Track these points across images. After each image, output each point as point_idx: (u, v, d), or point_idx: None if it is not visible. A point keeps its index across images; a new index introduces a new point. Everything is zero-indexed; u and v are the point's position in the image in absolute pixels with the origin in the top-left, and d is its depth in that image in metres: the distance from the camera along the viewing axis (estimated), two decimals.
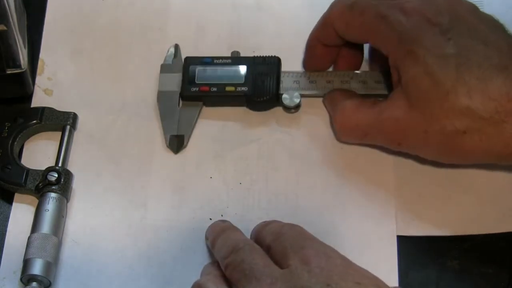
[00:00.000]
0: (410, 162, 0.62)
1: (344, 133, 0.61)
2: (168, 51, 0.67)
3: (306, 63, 0.65)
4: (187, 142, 0.64)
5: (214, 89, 0.64)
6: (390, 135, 0.57)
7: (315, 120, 0.64)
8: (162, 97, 0.65)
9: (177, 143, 0.63)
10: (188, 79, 0.65)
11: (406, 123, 0.55)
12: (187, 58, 0.66)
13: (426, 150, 0.57)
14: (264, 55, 0.65)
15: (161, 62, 0.67)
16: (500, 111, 0.52)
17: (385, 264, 0.58)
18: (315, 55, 0.63)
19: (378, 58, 0.62)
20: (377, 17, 0.56)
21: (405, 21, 0.55)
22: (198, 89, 0.64)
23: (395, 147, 0.58)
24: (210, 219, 0.60)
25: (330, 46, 0.62)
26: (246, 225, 0.57)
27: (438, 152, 0.56)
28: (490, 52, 0.53)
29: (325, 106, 0.64)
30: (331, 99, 0.63)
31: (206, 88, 0.64)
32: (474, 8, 0.57)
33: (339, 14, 0.59)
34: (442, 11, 0.55)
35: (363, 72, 0.64)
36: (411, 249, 0.59)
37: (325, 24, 0.61)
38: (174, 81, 0.65)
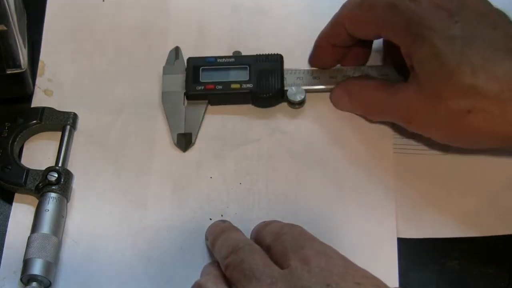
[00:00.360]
0: (411, 164, 0.62)
1: (366, 109, 0.63)
2: (169, 53, 0.67)
3: (313, 61, 0.65)
4: (195, 140, 0.64)
5: (220, 87, 0.64)
6: (402, 113, 0.58)
7: (318, 116, 0.65)
8: (166, 97, 0.65)
9: (185, 141, 0.64)
10: (192, 79, 0.65)
11: (416, 102, 0.56)
12: (190, 59, 0.66)
13: (433, 130, 0.57)
14: (267, 53, 0.66)
15: (161, 62, 0.67)
16: (504, 90, 0.53)
17: (385, 264, 0.58)
18: (323, 54, 0.64)
19: (393, 52, 0.61)
20: (387, 8, 0.57)
21: (414, 6, 0.56)
22: (203, 88, 0.64)
23: (407, 126, 0.59)
24: (210, 219, 0.60)
25: (339, 47, 0.63)
26: (246, 225, 0.57)
27: (445, 132, 0.57)
28: (498, 36, 0.54)
29: (335, 97, 0.64)
30: (347, 84, 0.64)
31: (212, 86, 0.64)
32: None
33: (350, 12, 0.60)
34: None
35: (366, 67, 0.65)
36: (411, 250, 0.59)
37: (336, 25, 0.61)
38: (177, 82, 0.66)
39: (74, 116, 0.65)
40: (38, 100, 0.66)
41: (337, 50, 0.64)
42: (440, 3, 0.56)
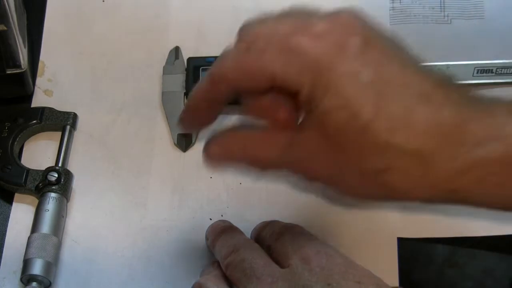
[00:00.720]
0: None
1: (252, 163, 0.51)
2: (169, 53, 0.67)
3: (185, 125, 0.54)
4: (195, 140, 0.64)
5: None
6: (301, 168, 0.49)
7: None
8: (166, 97, 0.65)
9: (185, 141, 0.64)
10: (192, 79, 0.65)
11: (318, 159, 0.47)
12: (190, 59, 0.66)
13: (341, 187, 0.49)
14: None
15: (161, 62, 0.67)
16: (426, 145, 0.45)
17: (385, 264, 0.58)
18: (199, 114, 0.52)
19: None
20: (283, 52, 0.46)
21: (315, 47, 0.45)
22: None
23: (308, 183, 0.50)
24: (210, 219, 0.60)
25: (218, 103, 0.51)
26: (246, 225, 0.57)
27: (355, 190, 0.48)
28: (410, 78, 0.46)
29: (209, 155, 0.51)
30: (224, 138, 0.51)
31: None
32: (383, 33, 0.48)
33: (234, 61, 0.48)
34: (354, 33, 0.46)
35: None
36: (411, 249, 0.59)
37: (216, 81, 0.49)
38: (177, 82, 0.66)
39: (74, 116, 0.65)
40: (38, 100, 0.66)
41: (216, 107, 0.51)
42: (343, 40, 0.45)
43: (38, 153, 0.64)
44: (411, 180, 0.45)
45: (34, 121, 0.64)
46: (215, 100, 0.50)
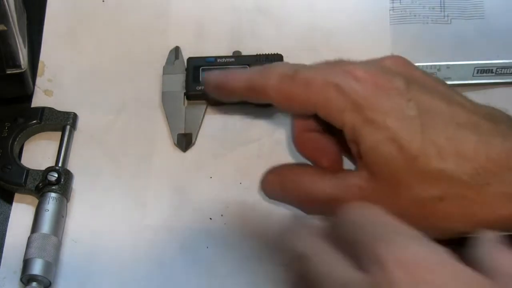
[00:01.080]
0: None
1: (303, 200, 0.51)
2: (169, 53, 0.67)
3: (211, 83, 0.54)
4: (195, 140, 0.64)
5: None
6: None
7: None
8: (166, 97, 0.65)
9: (185, 141, 0.64)
10: (192, 79, 0.65)
11: (369, 193, 0.47)
12: (190, 59, 0.66)
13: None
14: (267, 53, 0.66)
15: (161, 63, 0.67)
16: (480, 172, 0.46)
17: None
18: (222, 92, 0.53)
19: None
20: (327, 86, 0.48)
21: (359, 87, 0.47)
22: (203, 88, 0.64)
23: None
24: (210, 219, 0.61)
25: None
26: (246, 225, 0.57)
27: (409, 222, 0.44)
28: (455, 110, 0.47)
29: (266, 184, 0.53)
30: (280, 170, 0.52)
31: None
32: (426, 73, 0.51)
33: (278, 86, 0.49)
34: (395, 74, 0.48)
35: None
36: None
37: (256, 90, 0.50)
38: (177, 82, 0.66)
39: (74, 116, 0.65)
40: (38, 100, 0.66)
41: (238, 99, 0.52)
42: (386, 83, 0.47)
43: (38, 153, 0.64)
44: (468, 205, 0.46)
45: (34, 121, 0.64)
46: (243, 98, 0.51)
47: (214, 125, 0.65)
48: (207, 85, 0.53)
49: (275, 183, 0.52)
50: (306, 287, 0.40)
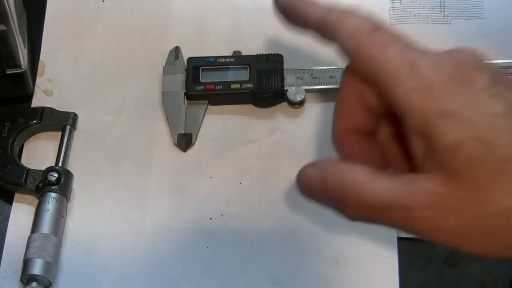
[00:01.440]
0: None
1: (350, 205, 0.43)
2: (169, 53, 0.67)
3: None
4: (195, 140, 0.64)
5: (220, 87, 0.64)
6: (420, 215, 0.41)
7: (318, 116, 0.65)
8: (166, 97, 0.65)
9: (185, 141, 0.64)
10: (192, 79, 0.65)
11: (445, 200, 0.40)
12: (190, 59, 0.66)
13: (472, 238, 0.41)
14: (267, 53, 0.66)
15: (161, 62, 0.67)
16: None
17: (385, 264, 0.58)
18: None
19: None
20: (404, 56, 0.41)
21: (438, 71, 0.41)
22: (203, 88, 0.65)
23: (430, 237, 0.41)
24: (210, 219, 0.61)
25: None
26: (246, 225, 0.57)
27: (496, 234, 0.40)
28: None
29: (304, 180, 0.45)
30: (324, 166, 0.44)
31: (212, 87, 0.64)
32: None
33: (353, 33, 0.43)
34: (479, 67, 0.42)
35: None
36: (411, 250, 0.59)
37: (330, 30, 0.44)
38: (177, 82, 0.66)
39: (74, 116, 0.65)
40: (38, 100, 0.66)
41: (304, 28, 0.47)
42: (469, 73, 0.41)
43: (38, 153, 0.64)
44: None
45: (34, 121, 0.64)
46: (310, 28, 0.46)
47: (214, 125, 0.65)
48: (277, 2, 0.47)
49: (315, 179, 0.44)
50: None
